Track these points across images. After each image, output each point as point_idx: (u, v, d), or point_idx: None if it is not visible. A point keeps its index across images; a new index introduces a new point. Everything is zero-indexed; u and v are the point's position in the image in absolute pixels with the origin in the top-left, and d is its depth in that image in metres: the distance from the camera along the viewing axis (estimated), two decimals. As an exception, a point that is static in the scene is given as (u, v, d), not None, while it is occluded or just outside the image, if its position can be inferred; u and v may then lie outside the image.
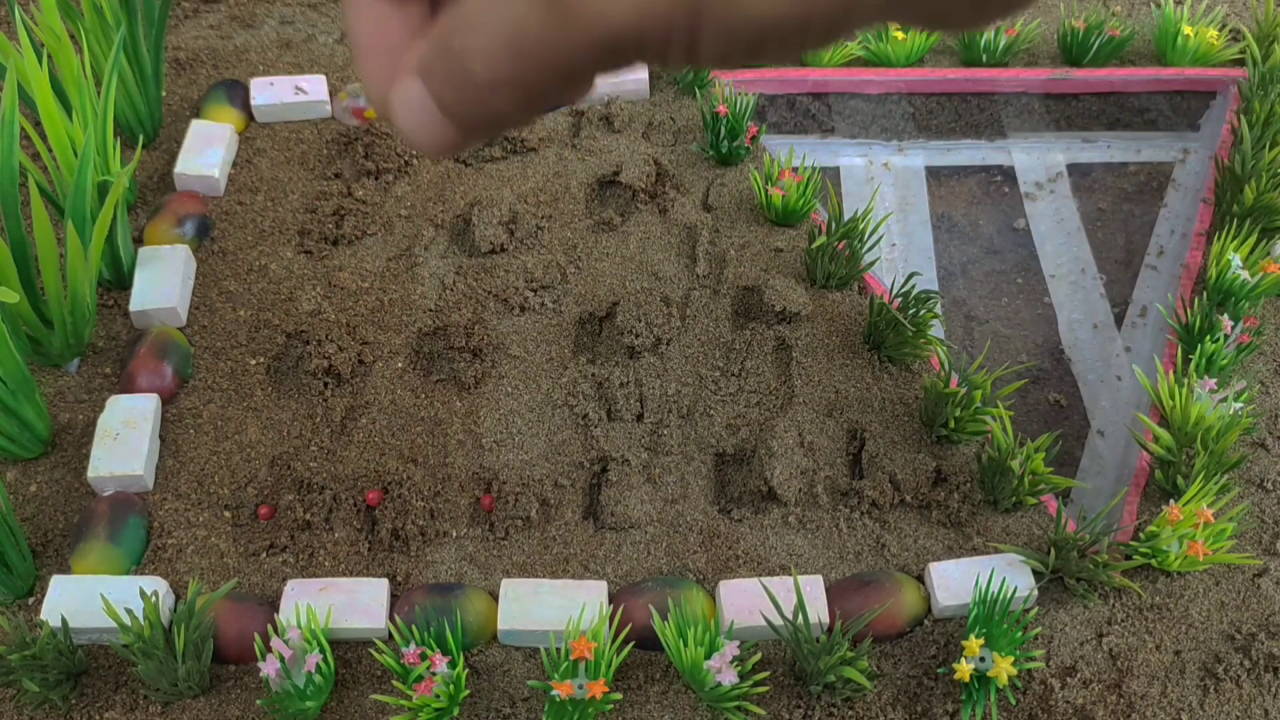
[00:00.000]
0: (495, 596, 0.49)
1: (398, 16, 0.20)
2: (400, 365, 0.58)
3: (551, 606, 0.48)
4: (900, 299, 0.56)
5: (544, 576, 0.50)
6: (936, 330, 0.60)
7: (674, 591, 0.48)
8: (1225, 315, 0.57)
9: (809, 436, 0.54)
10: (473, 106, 0.19)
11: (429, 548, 0.51)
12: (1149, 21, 0.77)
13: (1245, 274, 0.58)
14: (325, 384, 0.57)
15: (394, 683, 0.46)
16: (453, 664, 0.45)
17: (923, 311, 0.56)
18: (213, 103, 0.69)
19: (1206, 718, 0.46)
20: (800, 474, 0.53)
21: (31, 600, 0.49)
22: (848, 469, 0.54)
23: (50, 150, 0.58)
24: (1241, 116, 0.67)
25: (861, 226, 0.59)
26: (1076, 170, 0.71)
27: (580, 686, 0.44)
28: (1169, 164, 0.72)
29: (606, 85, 0.70)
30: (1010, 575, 0.48)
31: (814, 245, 0.59)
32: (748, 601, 0.48)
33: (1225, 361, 0.56)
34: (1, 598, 0.49)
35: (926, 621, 0.49)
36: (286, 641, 0.44)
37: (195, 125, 0.67)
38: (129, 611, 0.45)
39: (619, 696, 0.44)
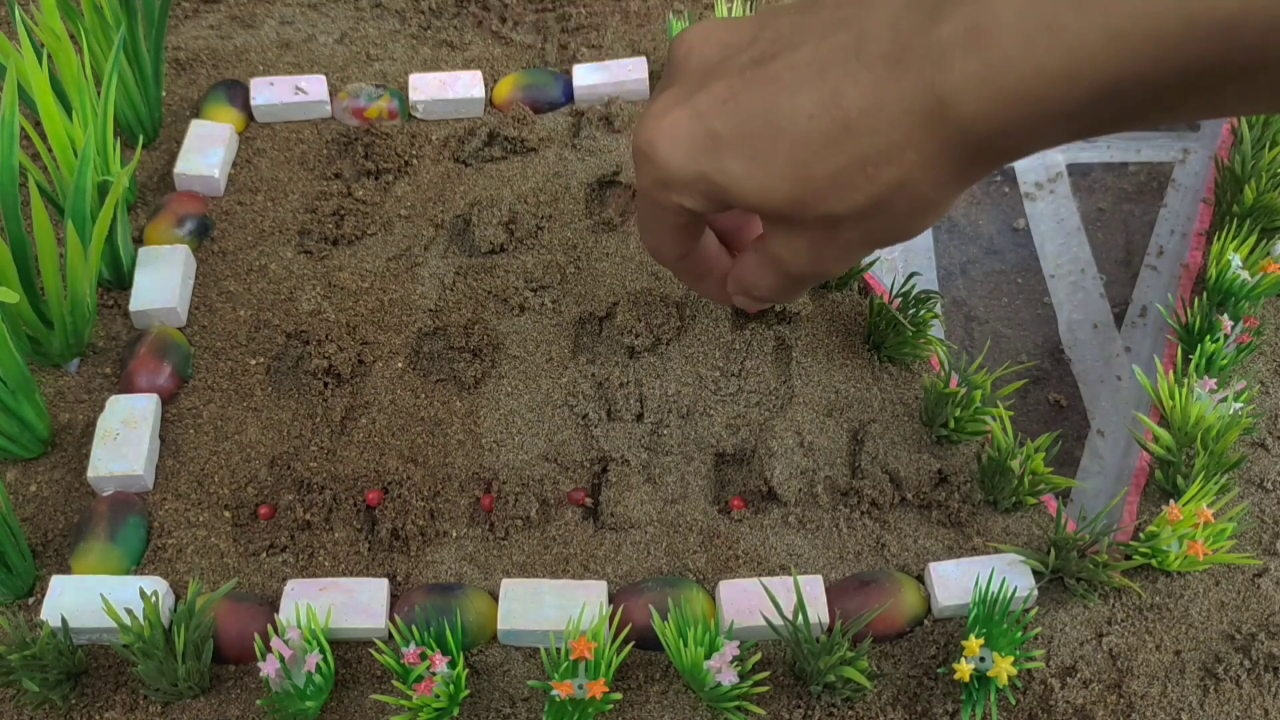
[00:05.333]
0: (495, 596, 0.49)
1: (710, 246, 0.50)
2: (400, 365, 0.58)
3: (551, 606, 0.48)
4: (900, 299, 0.56)
5: (544, 576, 0.50)
6: (937, 330, 0.60)
7: (674, 591, 0.48)
8: (1225, 315, 0.57)
9: (809, 436, 0.54)
10: (754, 299, 0.48)
11: (429, 548, 0.51)
12: (1149, 21, 0.77)
13: (1245, 274, 0.58)
14: (325, 384, 0.57)
15: (394, 683, 0.46)
16: (453, 664, 0.45)
17: (923, 311, 0.56)
18: (213, 103, 0.69)
19: (1206, 718, 0.46)
20: (800, 474, 0.53)
21: (31, 600, 0.49)
22: (848, 469, 0.54)
23: (50, 150, 0.58)
24: (1241, 117, 0.67)
25: (861, 226, 0.59)
26: (1076, 170, 0.71)
27: (580, 686, 0.44)
28: (1169, 164, 0.72)
29: (608, 85, 0.70)
30: (1010, 575, 0.48)
31: (814, 245, 0.59)
32: (748, 601, 0.48)
33: (1225, 361, 0.56)
34: (1, 598, 0.49)
35: (926, 621, 0.49)
36: (286, 641, 0.44)
37: (195, 125, 0.67)
38: (129, 611, 0.45)
39: (619, 696, 0.45)
